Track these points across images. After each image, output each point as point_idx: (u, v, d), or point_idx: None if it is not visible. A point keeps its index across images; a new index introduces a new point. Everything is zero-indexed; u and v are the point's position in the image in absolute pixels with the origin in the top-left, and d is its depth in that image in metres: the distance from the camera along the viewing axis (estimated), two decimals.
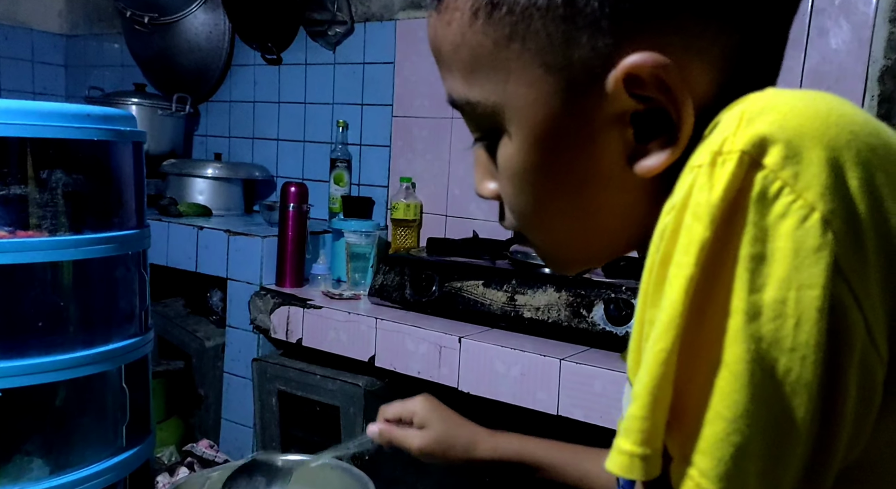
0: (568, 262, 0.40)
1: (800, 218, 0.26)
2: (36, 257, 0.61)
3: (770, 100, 0.29)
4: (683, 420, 0.28)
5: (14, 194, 0.60)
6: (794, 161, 0.27)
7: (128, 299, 0.72)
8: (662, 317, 0.28)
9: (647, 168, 0.33)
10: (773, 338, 0.26)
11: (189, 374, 1.60)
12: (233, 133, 1.98)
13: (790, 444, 0.27)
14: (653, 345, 0.28)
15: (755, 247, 0.27)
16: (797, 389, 0.26)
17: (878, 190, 0.27)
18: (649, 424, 0.28)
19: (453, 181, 1.57)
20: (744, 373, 0.26)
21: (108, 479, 0.68)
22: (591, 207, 0.36)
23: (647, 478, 0.28)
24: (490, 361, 1.11)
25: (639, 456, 0.28)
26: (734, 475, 0.27)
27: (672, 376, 0.28)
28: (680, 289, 0.27)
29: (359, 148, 1.71)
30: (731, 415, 0.26)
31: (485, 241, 1.39)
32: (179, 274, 1.59)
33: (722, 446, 0.27)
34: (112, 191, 0.69)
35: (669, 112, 0.32)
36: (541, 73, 0.34)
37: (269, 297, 1.41)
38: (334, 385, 1.31)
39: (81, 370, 0.65)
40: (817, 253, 0.26)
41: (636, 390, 0.28)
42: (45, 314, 0.63)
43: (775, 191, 0.27)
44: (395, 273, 1.31)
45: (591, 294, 1.10)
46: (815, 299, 0.26)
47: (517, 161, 0.36)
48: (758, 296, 0.26)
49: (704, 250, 0.27)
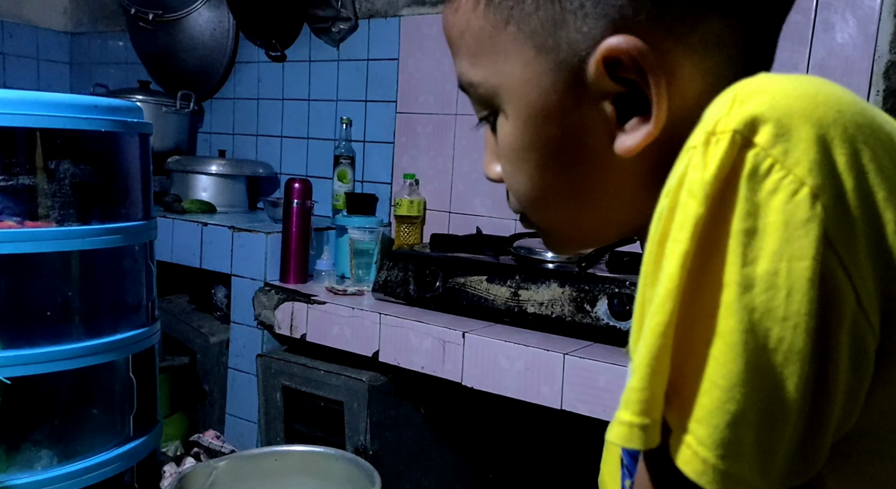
0: (566, 243, 0.42)
1: (790, 192, 0.27)
2: (44, 247, 0.61)
3: (761, 82, 0.30)
4: (681, 391, 0.29)
5: (22, 185, 0.60)
6: (784, 139, 0.28)
7: (135, 290, 0.72)
8: (659, 291, 0.29)
9: (625, 148, 0.35)
10: (766, 308, 0.27)
11: (193, 370, 1.60)
12: (237, 130, 1.99)
13: (784, 412, 0.27)
14: (650, 319, 0.29)
15: (747, 222, 0.28)
16: (790, 357, 0.27)
17: (864, 165, 0.28)
18: (648, 395, 0.29)
19: (457, 177, 1.57)
20: (738, 343, 0.27)
21: (115, 468, 0.69)
22: (582, 186, 0.37)
23: (646, 447, 0.29)
24: (494, 356, 1.11)
25: (638, 425, 0.29)
26: (730, 442, 0.27)
27: (669, 348, 0.29)
28: (676, 263, 0.28)
29: (362, 144, 1.72)
30: (726, 384, 0.27)
31: (488, 238, 1.39)
32: (184, 270, 1.59)
33: (717, 414, 0.27)
34: (119, 182, 0.69)
35: (646, 93, 0.34)
36: (533, 55, 0.36)
37: (274, 293, 1.42)
38: (338, 380, 1.31)
39: (89, 360, 0.65)
40: (807, 225, 0.27)
41: (635, 363, 0.29)
42: (53, 304, 0.64)
43: (766, 167, 0.28)
44: (398, 269, 1.31)
45: (595, 289, 1.10)
46: (805, 270, 0.27)
47: (512, 139, 0.38)
48: (750, 269, 0.27)
49: (699, 226, 0.28)
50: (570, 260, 1.20)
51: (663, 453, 0.30)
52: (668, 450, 0.29)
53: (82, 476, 0.66)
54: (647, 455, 0.32)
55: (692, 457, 0.28)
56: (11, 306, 0.63)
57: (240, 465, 0.73)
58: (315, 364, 1.35)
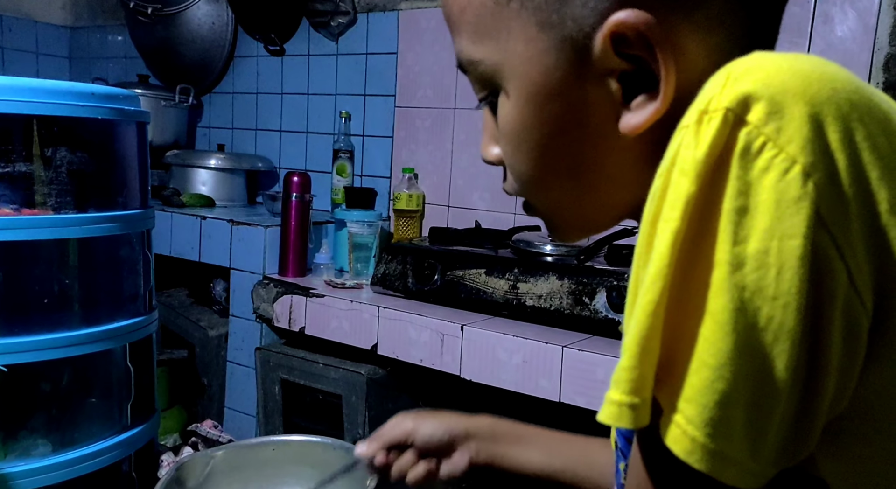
0: (567, 227, 0.41)
1: (782, 170, 0.27)
2: (41, 234, 0.61)
3: (755, 60, 0.29)
4: (671, 371, 0.29)
5: (19, 172, 0.60)
6: (777, 117, 0.27)
7: (132, 279, 0.72)
8: (650, 271, 0.28)
9: (631, 126, 0.34)
10: (756, 287, 0.27)
11: (192, 363, 1.61)
12: (236, 124, 1.99)
13: (774, 392, 0.27)
14: (641, 298, 0.29)
15: (739, 201, 0.27)
16: (780, 336, 0.27)
17: (858, 144, 0.28)
18: (637, 374, 0.28)
19: (456, 171, 1.57)
20: (728, 322, 0.27)
21: (113, 457, 0.69)
22: (585, 166, 0.37)
23: (635, 426, 0.29)
24: (492, 349, 1.11)
25: (627, 405, 0.29)
26: (719, 422, 0.27)
27: (660, 327, 0.28)
28: (667, 242, 0.28)
29: (361, 139, 1.72)
30: (716, 363, 0.27)
31: (487, 231, 1.39)
32: (183, 264, 1.59)
33: (707, 393, 0.27)
34: (116, 170, 0.69)
35: (653, 69, 0.33)
36: (536, 31, 0.35)
37: (272, 287, 1.42)
38: (337, 373, 1.31)
39: (86, 348, 0.65)
40: (798, 203, 0.27)
41: (625, 342, 0.29)
42: (50, 292, 0.64)
43: (758, 146, 0.27)
44: (397, 262, 1.31)
45: (594, 282, 1.10)
46: (796, 248, 0.27)
47: (513, 118, 0.37)
48: (741, 248, 0.27)
49: (690, 204, 0.28)
50: (568, 253, 1.20)
51: (655, 434, 0.29)
52: (658, 429, 0.29)
53: (79, 464, 0.66)
54: (639, 436, 0.33)
55: (681, 436, 0.28)
56: (8, 294, 0.63)
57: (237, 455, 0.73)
58: (314, 357, 1.35)
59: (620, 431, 0.43)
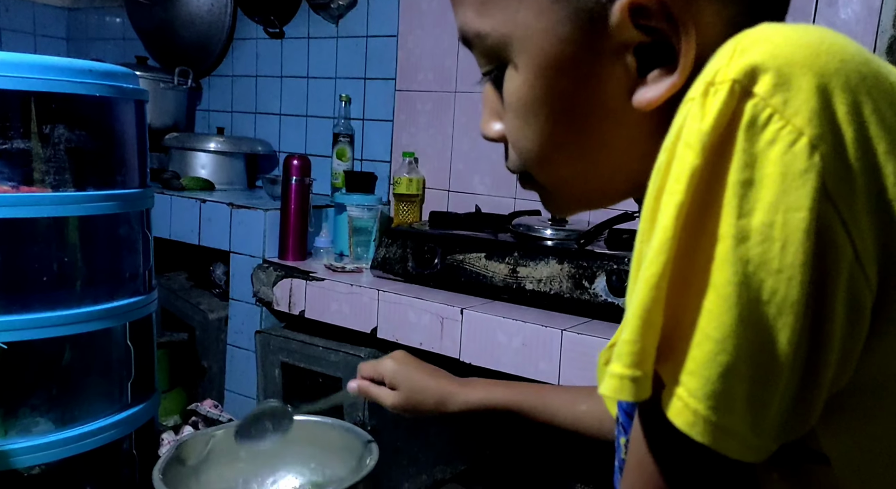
0: (569, 202, 0.41)
1: (788, 143, 0.27)
2: (40, 212, 0.61)
3: (763, 31, 0.29)
4: (673, 344, 0.29)
5: (17, 149, 0.60)
6: (784, 88, 0.27)
7: (132, 258, 0.72)
8: (653, 244, 0.28)
9: (646, 100, 0.34)
10: (760, 260, 0.27)
11: (192, 346, 1.61)
12: (235, 107, 1.98)
13: (777, 365, 0.27)
14: (644, 271, 0.28)
15: (744, 174, 0.27)
16: (783, 310, 0.27)
17: (865, 116, 0.28)
18: (639, 347, 0.28)
19: (456, 155, 1.56)
20: (731, 295, 0.27)
21: (114, 434, 0.69)
22: (592, 141, 0.36)
23: (636, 399, 0.29)
24: (492, 332, 1.11)
25: (629, 377, 0.29)
26: (721, 395, 0.27)
27: (662, 301, 0.28)
28: (670, 215, 0.28)
29: (361, 122, 1.71)
30: (719, 336, 0.27)
31: (487, 216, 1.39)
32: (183, 247, 1.59)
33: (709, 366, 0.27)
34: (115, 148, 0.69)
35: (672, 42, 0.33)
36: (549, 2, 0.35)
37: (272, 270, 1.42)
38: (337, 356, 1.32)
39: (86, 326, 0.65)
40: (804, 175, 0.27)
41: (627, 316, 0.29)
42: (50, 270, 0.64)
43: (765, 118, 0.27)
44: (397, 246, 1.31)
45: (594, 265, 1.10)
46: (801, 221, 0.26)
47: (522, 92, 0.37)
48: (746, 221, 0.27)
49: (695, 177, 0.28)
50: (568, 237, 1.20)
51: (656, 407, 0.29)
52: (660, 403, 0.29)
53: (80, 441, 0.66)
54: (641, 409, 0.33)
55: (683, 409, 0.28)
56: (7, 272, 0.63)
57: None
58: (313, 340, 1.36)
59: (621, 406, 0.43)
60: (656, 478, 0.31)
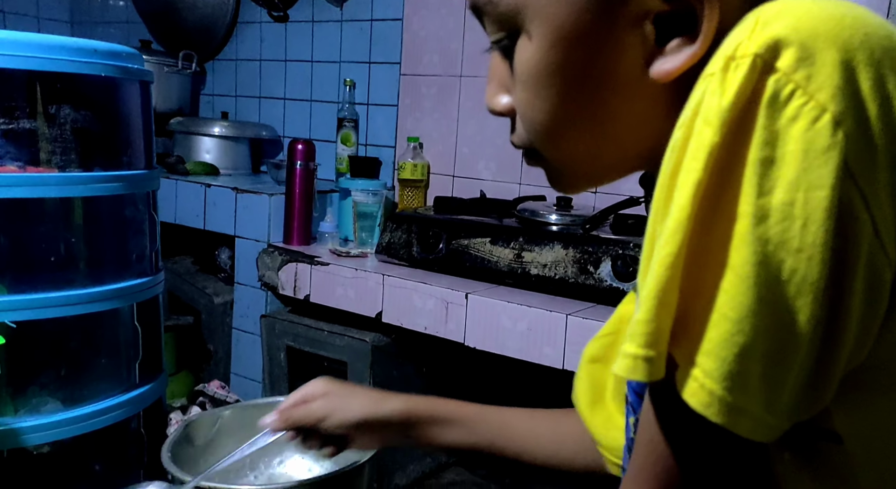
0: (577, 178, 0.40)
1: (811, 119, 0.26)
2: (47, 192, 0.61)
3: (785, 4, 0.28)
4: (688, 325, 0.28)
5: (23, 129, 0.60)
6: (808, 63, 0.27)
7: (138, 239, 0.72)
8: (669, 223, 0.28)
9: (664, 71, 0.33)
10: (780, 239, 0.27)
11: (198, 330, 1.62)
12: (239, 92, 1.97)
13: (794, 345, 0.27)
14: (659, 251, 0.28)
15: (765, 151, 0.27)
16: (802, 289, 0.27)
17: (890, 91, 0.27)
18: (654, 327, 0.28)
19: (461, 140, 1.56)
20: (749, 275, 0.27)
21: (122, 414, 0.70)
22: (606, 114, 0.35)
23: (650, 379, 0.29)
24: (497, 317, 1.12)
25: (643, 358, 0.28)
26: (737, 375, 0.27)
27: (678, 280, 0.28)
28: (688, 194, 0.27)
29: (366, 107, 1.70)
30: (736, 316, 0.27)
31: (492, 201, 1.39)
32: (188, 232, 1.59)
33: (726, 346, 0.27)
34: (120, 129, 0.69)
35: (696, 10, 0.32)
36: None
37: (277, 254, 1.42)
38: (342, 341, 1.32)
39: (93, 306, 0.65)
40: (827, 153, 0.26)
41: (642, 295, 0.29)
42: (57, 250, 0.64)
43: (787, 94, 0.27)
44: (402, 231, 1.31)
45: (599, 251, 1.10)
46: (823, 200, 0.26)
47: (535, 62, 0.35)
48: (766, 200, 0.27)
49: (714, 155, 0.27)
50: (573, 222, 1.20)
51: (668, 387, 0.29)
52: (673, 384, 0.29)
53: (89, 420, 0.67)
54: (652, 390, 0.32)
55: (698, 390, 0.28)
56: (15, 252, 0.63)
57: (245, 414, 0.74)
58: (319, 325, 1.36)
59: (631, 386, 0.43)
60: (666, 456, 0.31)
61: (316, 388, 0.61)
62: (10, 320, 0.60)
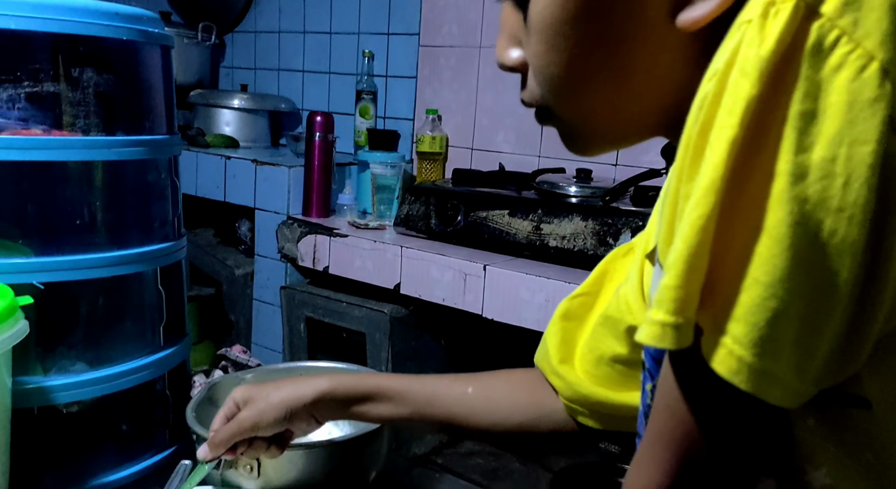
0: (594, 138, 0.37)
1: (857, 69, 0.25)
2: (71, 155, 0.62)
3: None
4: (718, 290, 0.27)
5: (47, 92, 0.60)
6: (854, 7, 0.25)
7: (160, 205, 0.73)
8: (701, 183, 0.27)
9: (692, 19, 0.31)
10: (819, 198, 0.25)
11: (220, 301, 1.64)
12: (258, 64, 1.97)
13: (829, 309, 0.26)
14: (690, 213, 0.27)
15: (806, 104, 0.25)
16: (842, 251, 0.25)
17: None
18: (683, 293, 0.27)
19: (480, 111, 1.54)
20: (785, 236, 0.25)
21: (147, 375, 0.71)
22: (626, 67, 0.33)
23: (677, 346, 0.28)
24: (515, 289, 1.12)
25: (671, 325, 0.27)
26: (768, 341, 0.26)
27: (709, 243, 0.27)
28: (722, 152, 0.26)
29: (384, 79, 1.69)
30: (770, 280, 0.26)
31: (511, 174, 1.38)
32: (209, 204, 1.61)
33: (757, 312, 0.26)
34: (142, 94, 0.69)
35: None
36: None
37: (296, 226, 1.43)
38: (360, 312, 1.33)
39: (117, 269, 0.67)
40: (873, 105, 0.25)
41: (670, 260, 0.28)
42: (82, 214, 0.65)
43: (832, 41, 0.25)
44: (420, 203, 1.31)
45: (619, 222, 1.09)
46: (867, 155, 0.25)
47: (552, 11, 0.33)
48: (805, 157, 0.25)
49: (750, 109, 0.26)
50: (593, 194, 1.19)
51: (692, 354, 0.28)
52: (696, 351, 0.28)
53: (115, 380, 0.69)
54: (673, 356, 0.31)
55: (726, 357, 0.27)
56: (41, 214, 0.64)
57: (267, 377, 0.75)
58: (338, 296, 1.38)
59: (649, 352, 0.42)
60: (686, 421, 0.31)
61: (235, 399, 0.60)
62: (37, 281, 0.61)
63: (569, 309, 0.57)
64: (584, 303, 0.57)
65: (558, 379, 0.57)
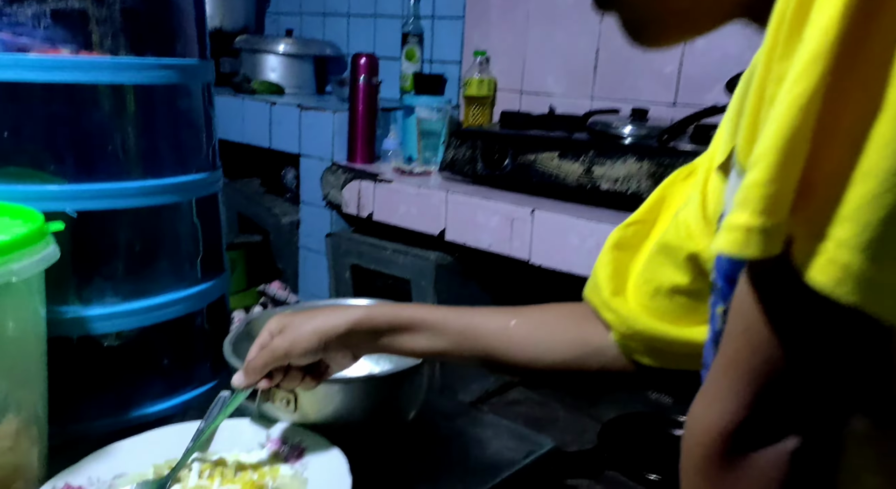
0: (663, 20, 0.32)
1: None
2: (100, 77, 0.60)
3: None
4: (817, 186, 0.23)
5: (73, 9, 0.58)
6: None
7: (194, 134, 0.71)
8: (804, 55, 0.22)
9: None
10: None
11: (267, 249, 1.66)
12: (304, 9, 1.93)
13: None
14: (787, 92, 0.22)
15: None
16: None
17: None
18: (776, 189, 0.23)
19: (530, 53, 1.47)
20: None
21: (187, 307, 0.71)
22: None
23: (765, 254, 0.23)
24: (564, 234, 1.07)
25: (758, 229, 0.23)
26: (881, 242, 0.22)
27: (811, 127, 0.22)
28: (834, 13, 0.21)
29: (431, 20, 1.63)
30: (889, 168, 0.21)
31: (561, 117, 1.31)
32: (255, 153, 1.61)
33: (870, 209, 0.21)
34: (172, 14, 0.67)
35: None
36: None
37: (341, 173, 1.41)
38: (405, 259, 1.32)
39: (152, 199, 0.66)
40: None
41: (759, 151, 0.23)
42: (112, 140, 0.64)
43: None
44: (466, 147, 1.27)
45: (677, 163, 1.02)
46: None
47: None
48: None
49: None
50: (649, 134, 1.11)
51: (778, 266, 0.24)
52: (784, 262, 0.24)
53: (153, 312, 0.69)
54: (754, 270, 0.27)
55: (827, 265, 0.22)
56: (71, 141, 0.63)
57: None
58: (382, 243, 1.36)
59: (721, 271, 0.37)
60: (767, 347, 0.27)
61: (270, 329, 0.59)
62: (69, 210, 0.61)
63: (621, 238, 0.53)
64: (639, 231, 0.52)
65: (610, 312, 0.53)
